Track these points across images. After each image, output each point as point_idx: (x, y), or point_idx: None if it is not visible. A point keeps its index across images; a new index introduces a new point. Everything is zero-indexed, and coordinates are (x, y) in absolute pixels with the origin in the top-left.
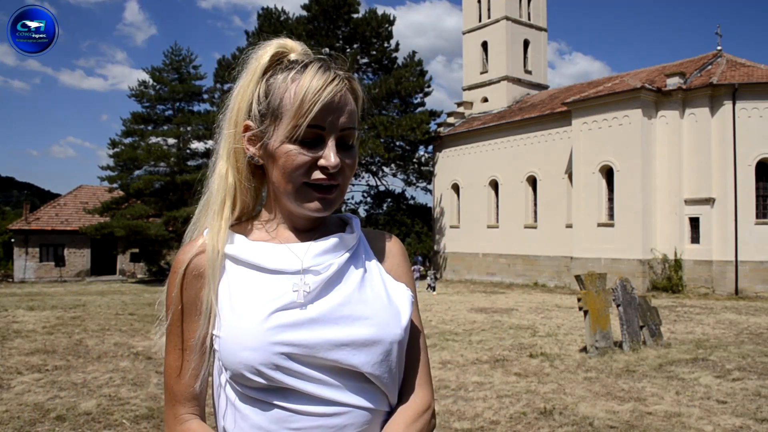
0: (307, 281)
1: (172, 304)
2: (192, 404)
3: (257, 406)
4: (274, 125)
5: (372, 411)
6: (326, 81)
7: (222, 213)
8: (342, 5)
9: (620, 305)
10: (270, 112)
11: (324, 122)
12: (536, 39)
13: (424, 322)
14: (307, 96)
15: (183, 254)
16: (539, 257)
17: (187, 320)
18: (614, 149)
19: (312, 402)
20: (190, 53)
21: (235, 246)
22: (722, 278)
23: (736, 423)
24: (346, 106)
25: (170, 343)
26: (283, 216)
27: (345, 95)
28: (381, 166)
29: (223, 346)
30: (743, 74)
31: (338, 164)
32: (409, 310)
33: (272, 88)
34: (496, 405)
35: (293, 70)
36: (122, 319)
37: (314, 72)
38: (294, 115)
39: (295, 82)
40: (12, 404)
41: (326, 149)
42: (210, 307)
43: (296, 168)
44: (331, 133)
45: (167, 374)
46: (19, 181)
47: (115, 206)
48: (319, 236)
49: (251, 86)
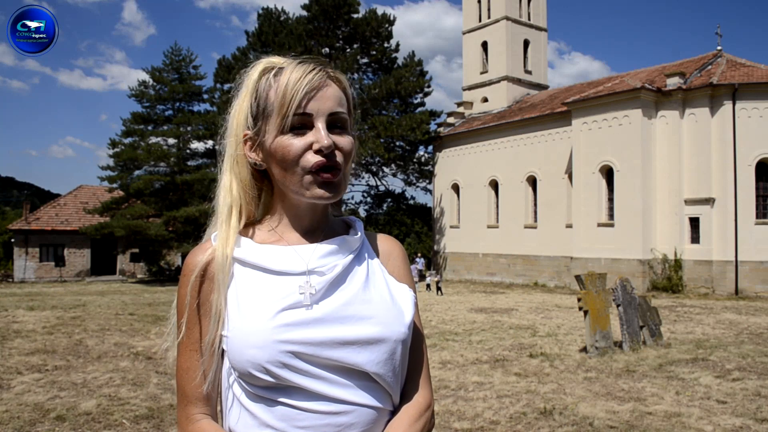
0: (313, 282)
1: (183, 307)
2: (203, 404)
3: (265, 405)
4: (265, 124)
5: (377, 410)
6: (305, 71)
7: (229, 221)
8: (342, 5)
9: (620, 305)
10: (260, 113)
11: (310, 108)
12: (536, 39)
13: (424, 322)
14: (289, 86)
15: (192, 258)
16: (539, 257)
17: (198, 322)
18: (614, 149)
19: (318, 400)
20: (190, 53)
21: (242, 249)
22: (722, 278)
23: (736, 423)
24: (330, 92)
25: (182, 344)
26: (288, 217)
27: (327, 83)
28: (381, 166)
29: (231, 345)
30: (743, 74)
31: (331, 144)
32: (411, 310)
33: (259, 91)
34: (496, 405)
35: (273, 71)
36: (122, 319)
37: (294, 66)
38: (280, 107)
39: (277, 79)
40: (12, 404)
41: (315, 131)
42: (219, 311)
43: (293, 156)
44: (319, 117)
45: (179, 375)
46: (19, 181)
47: (115, 206)
48: (324, 238)
49: (245, 102)
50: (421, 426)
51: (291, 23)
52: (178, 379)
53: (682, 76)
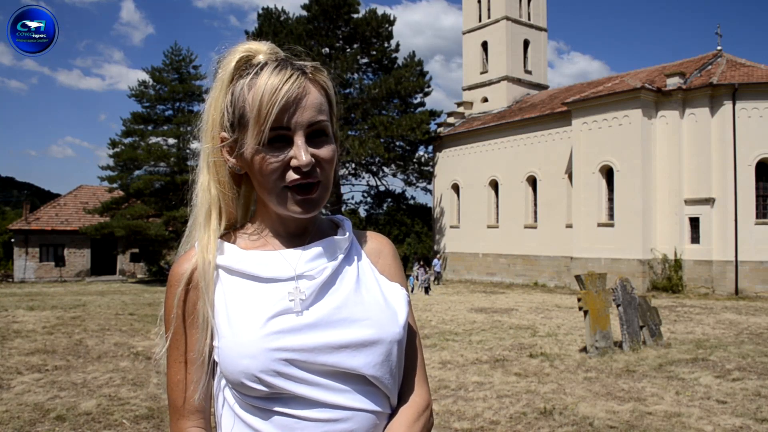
0: (302, 287)
1: (171, 318)
2: (196, 417)
3: (260, 416)
4: (243, 134)
5: (376, 413)
6: (281, 81)
7: (209, 224)
8: (342, 5)
9: (620, 305)
10: (237, 121)
11: (287, 122)
12: (536, 39)
13: (424, 322)
14: (264, 100)
15: (178, 268)
16: (539, 257)
17: (186, 334)
18: (614, 149)
19: (316, 408)
20: (190, 53)
21: (226, 256)
22: (722, 278)
23: (736, 423)
24: (309, 101)
25: (171, 357)
26: (273, 221)
27: (306, 90)
28: (381, 166)
29: (222, 356)
30: (743, 74)
31: (310, 161)
32: (405, 309)
33: (235, 97)
34: (496, 405)
35: (250, 75)
36: (122, 319)
37: (269, 74)
38: (255, 121)
39: (252, 87)
40: (12, 404)
41: (294, 148)
42: (206, 320)
43: (270, 173)
44: (297, 130)
45: (170, 388)
46: (19, 181)
47: (115, 206)
48: (311, 240)
49: (221, 97)
50: (421, 426)
51: (291, 23)
52: (169, 393)
53: (682, 76)
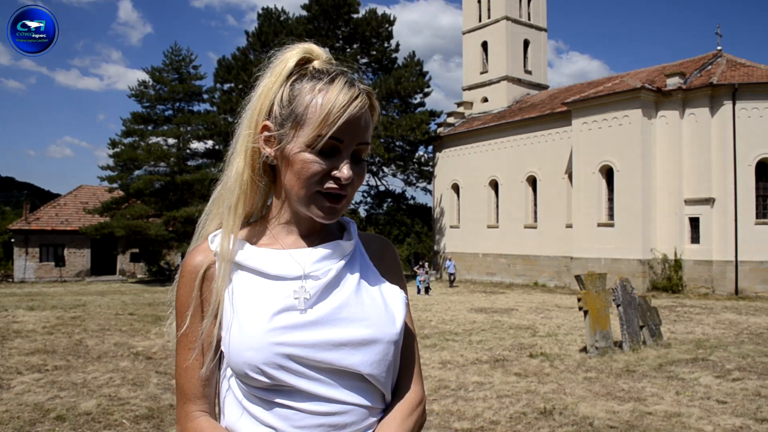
0: (307, 287)
1: (182, 307)
2: (202, 402)
3: (263, 406)
4: (294, 131)
5: (370, 409)
6: (352, 96)
7: (236, 210)
8: (342, 5)
9: (620, 305)
10: (292, 118)
11: (344, 136)
12: (536, 39)
13: (424, 322)
14: (334, 109)
15: (192, 259)
16: (539, 257)
17: (197, 321)
18: (614, 149)
19: (314, 401)
20: (189, 53)
21: (240, 252)
22: (722, 278)
23: (736, 423)
24: (365, 122)
25: (180, 344)
26: (287, 219)
27: (366, 111)
28: (381, 166)
29: (228, 346)
30: (743, 74)
31: (351, 177)
32: (403, 312)
33: (297, 95)
34: (496, 405)
35: (321, 81)
36: (122, 319)
37: (341, 86)
38: (318, 125)
39: (322, 93)
40: (12, 404)
41: (342, 162)
42: (217, 310)
43: (311, 176)
44: (349, 146)
45: (178, 374)
46: (19, 181)
47: (115, 206)
48: (320, 241)
49: (275, 88)
50: (414, 421)
51: (291, 23)
52: (177, 377)
53: (682, 76)
